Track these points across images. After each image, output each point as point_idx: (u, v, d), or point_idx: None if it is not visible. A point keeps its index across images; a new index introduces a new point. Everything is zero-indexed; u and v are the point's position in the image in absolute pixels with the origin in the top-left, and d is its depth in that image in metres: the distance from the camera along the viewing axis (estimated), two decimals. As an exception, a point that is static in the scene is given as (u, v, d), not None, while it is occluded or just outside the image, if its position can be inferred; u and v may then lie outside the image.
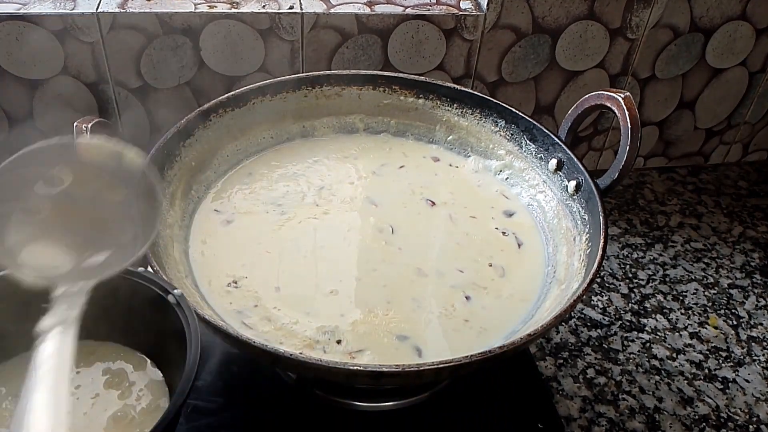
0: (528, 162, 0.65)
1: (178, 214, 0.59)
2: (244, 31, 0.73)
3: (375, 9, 0.75)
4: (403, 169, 0.68)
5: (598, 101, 0.60)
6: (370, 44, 0.76)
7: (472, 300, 0.56)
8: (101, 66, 0.73)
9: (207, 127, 0.63)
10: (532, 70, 0.82)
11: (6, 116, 0.75)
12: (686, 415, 0.64)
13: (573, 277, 0.54)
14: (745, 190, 0.95)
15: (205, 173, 0.64)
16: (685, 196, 0.93)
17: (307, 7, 0.74)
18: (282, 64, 0.76)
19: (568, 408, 0.64)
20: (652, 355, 0.69)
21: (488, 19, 0.77)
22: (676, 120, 0.93)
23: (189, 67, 0.75)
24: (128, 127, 0.79)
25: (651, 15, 0.80)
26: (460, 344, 0.52)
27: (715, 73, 0.88)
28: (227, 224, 0.61)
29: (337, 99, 0.69)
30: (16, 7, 0.69)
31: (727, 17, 0.83)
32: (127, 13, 0.70)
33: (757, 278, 0.80)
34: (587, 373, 0.67)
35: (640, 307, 0.75)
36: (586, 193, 0.58)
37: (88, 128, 0.49)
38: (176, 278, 0.51)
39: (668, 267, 0.81)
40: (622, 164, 0.57)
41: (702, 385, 0.67)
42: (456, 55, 0.79)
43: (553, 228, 0.62)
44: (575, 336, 0.71)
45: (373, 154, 0.70)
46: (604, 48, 0.82)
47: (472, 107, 0.68)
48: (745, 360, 0.70)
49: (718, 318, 0.75)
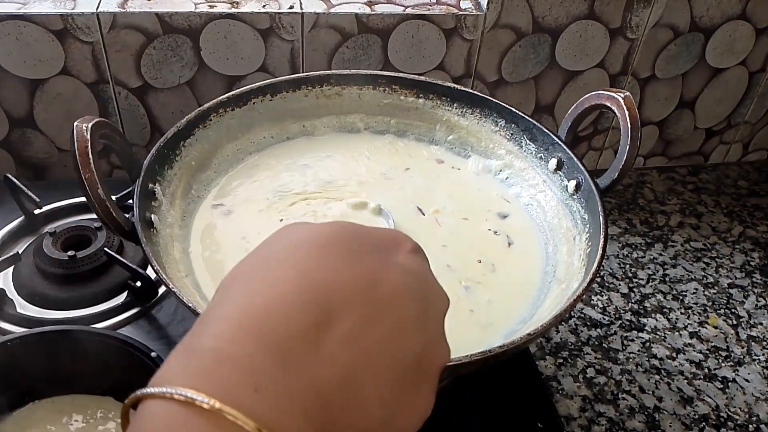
0: (528, 161, 0.65)
1: (178, 214, 0.59)
2: (245, 31, 0.73)
3: (375, 9, 0.75)
4: (409, 172, 0.68)
5: (598, 101, 0.60)
6: (370, 44, 0.76)
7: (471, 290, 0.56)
8: (101, 66, 0.73)
9: (207, 126, 0.63)
10: (532, 70, 0.82)
11: (6, 116, 0.75)
12: (686, 414, 0.64)
13: (573, 276, 0.54)
14: (745, 189, 0.95)
15: (205, 173, 0.64)
16: (685, 196, 0.93)
17: (307, 7, 0.74)
18: (282, 64, 0.76)
19: (568, 407, 0.64)
20: (651, 355, 0.69)
21: (488, 19, 0.77)
22: (676, 120, 0.93)
23: (189, 67, 0.75)
24: (128, 126, 0.79)
25: (651, 15, 0.80)
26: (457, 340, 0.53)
27: (715, 72, 0.88)
28: (228, 215, 0.61)
29: (337, 99, 0.69)
30: (17, 7, 0.69)
31: (727, 17, 0.83)
32: (127, 12, 0.70)
33: (757, 278, 0.80)
34: (587, 373, 0.67)
35: (640, 307, 0.75)
36: (586, 193, 0.58)
37: (88, 128, 0.49)
38: (176, 278, 0.51)
39: (668, 266, 0.81)
40: (622, 164, 0.57)
41: (702, 384, 0.67)
42: (456, 55, 0.79)
43: (553, 227, 0.62)
44: (575, 335, 0.71)
45: (380, 154, 0.69)
46: (604, 48, 0.82)
47: (472, 107, 0.68)
48: (744, 359, 0.70)
49: (718, 317, 0.75)
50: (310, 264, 0.27)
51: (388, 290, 0.28)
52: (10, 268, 0.67)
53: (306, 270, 0.27)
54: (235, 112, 0.65)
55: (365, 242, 0.30)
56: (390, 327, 0.27)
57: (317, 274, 0.27)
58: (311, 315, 0.25)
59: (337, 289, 0.26)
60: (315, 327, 0.25)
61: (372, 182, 0.66)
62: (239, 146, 0.67)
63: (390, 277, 0.28)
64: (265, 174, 0.66)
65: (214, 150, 0.64)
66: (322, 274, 0.27)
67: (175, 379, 0.23)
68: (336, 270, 0.27)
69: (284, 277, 0.26)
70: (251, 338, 0.24)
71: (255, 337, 0.24)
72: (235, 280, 0.27)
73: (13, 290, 0.65)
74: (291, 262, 0.27)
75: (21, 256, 0.66)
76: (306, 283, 0.26)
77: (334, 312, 0.26)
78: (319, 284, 0.26)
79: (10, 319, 0.63)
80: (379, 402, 0.26)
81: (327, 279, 0.27)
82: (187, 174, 0.61)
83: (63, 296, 0.65)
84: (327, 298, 0.26)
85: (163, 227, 0.56)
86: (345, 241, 0.29)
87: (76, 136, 0.49)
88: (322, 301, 0.26)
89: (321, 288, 0.26)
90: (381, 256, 0.29)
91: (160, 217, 0.56)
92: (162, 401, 0.22)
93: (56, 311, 0.64)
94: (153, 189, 0.56)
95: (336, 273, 0.27)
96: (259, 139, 0.68)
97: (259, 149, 0.68)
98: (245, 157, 0.67)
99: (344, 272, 0.27)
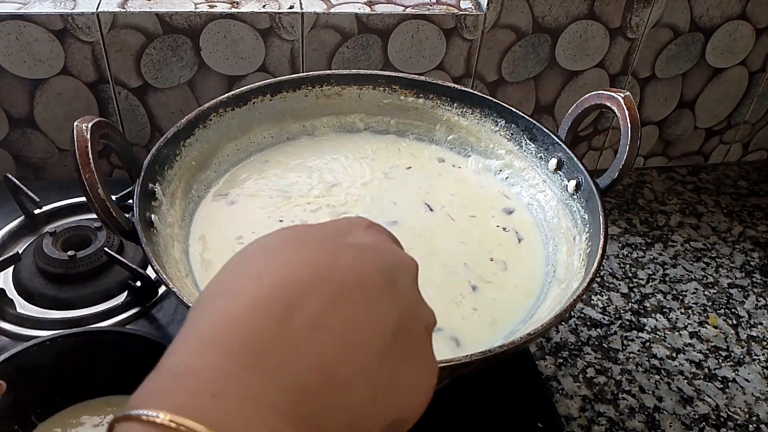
0: (528, 161, 0.65)
1: (178, 213, 0.59)
2: (245, 31, 0.73)
3: (375, 9, 0.75)
4: (411, 171, 0.68)
5: (598, 101, 0.60)
6: (370, 44, 0.76)
7: (478, 290, 0.57)
8: (101, 65, 0.73)
9: (207, 126, 0.63)
10: (532, 70, 0.82)
11: (6, 116, 0.75)
12: (686, 414, 0.64)
13: (573, 276, 0.54)
14: (744, 189, 0.95)
15: (205, 172, 0.64)
16: (685, 196, 0.93)
17: (307, 7, 0.74)
18: (282, 64, 0.76)
19: (567, 407, 0.64)
20: (651, 355, 0.69)
21: (488, 19, 0.77)
22: (676, 119, 0.93)
23: (189, 67, 0.75)
24: (128, 126, 0.79)
25: (651, 14, 0.80)
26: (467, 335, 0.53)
27: (715, 72, 0.88)
28: (231, 205, 0.62)
29: (337, 98, 0.69)
30: (17, 7, 0.69)
31: (727, 17, 0.83)
32: (127, 12, 0.70)
33: (757, 278, 0.80)
34: (587, 373, 0.67)
35: (639, 307, 0.75)
36: (586, 193, 0.58)
37: (88, 128, 0.49)
38: (176, 278, 0.51)
39: (668, 266, 0.81)
40: (622, 164, 0.57)
41: (702, 384, 0.67)
42: (456, 55, 0.79)
43: (553, 227, 0.62)
44: (575, 335, 0.71)
45: (384, 154, 0.70)
46: (604, 47, 0.82)
47: (472, 107, 0.68)
48: (744, 359, 0.70)
49: (718, 317, 0.75)
50: (264, 269, 0.27)
51: (345, 270, 0.28)
52: (10, 267, 0.67)
53: (259, 275, 0.27)
54: (235, 112, 0.65)
55: (315, 235, 0.30)
56: (357, 303, 0.27)
57: (271, 276, 0.27)
58: (271, 312, 0.25)
59: (293, 281, 0.26)
60: (276, 322, 0.25)
61: (376, 183, 0.66)
62: (239, 146, 0.67)
63: (345, 257, 0.28)
64: (273, 171, 0.66)
65: (214, 150, 0.64)
66: (276, 274, 0.27)
67: (143, 399, 0.23)
68: (288, 264, 0.27)
69: (240, 287, 0.27)
70: (213, 349, 0.24)
71: (217, 347, 0.24)
72: (201, 300, 0.28)
73: (13, 290, 0.65)
74: (248, 273, 0.28)
75: (21, 255, 0.66)
76: (261, 286, 0.26)
77: (294, 303, 0.26)
78: (275, 283, 0.26)
79: (10, 318, 0.63)
80: (365, 380, 0.26)
81: (282, 276, 0.27)
82: (187, 174, 0.61)
83: (63, 296, 0.65)
84: (285, 293, 0.26)
85: (163, 227, 0.56)
86: (293, 239, 0.29)
87: (76, 135, 0.49)
88: (280, 297, 0.26)
89: (277, 285, 0.26)
90: (333, 241, 0.30)
91: (160, 217, 0.56)
92: (129, 423, 0.23)
93: (56, 311, 0.64)
94: (153, 189, 0.56)
95: (289, 267, 0.27)
96: (259, 139, 0.68)
97: (260, 149, 0.68)
98: (246, 157, 0.67)
99: (297, 265, 0.27)
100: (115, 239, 0.68)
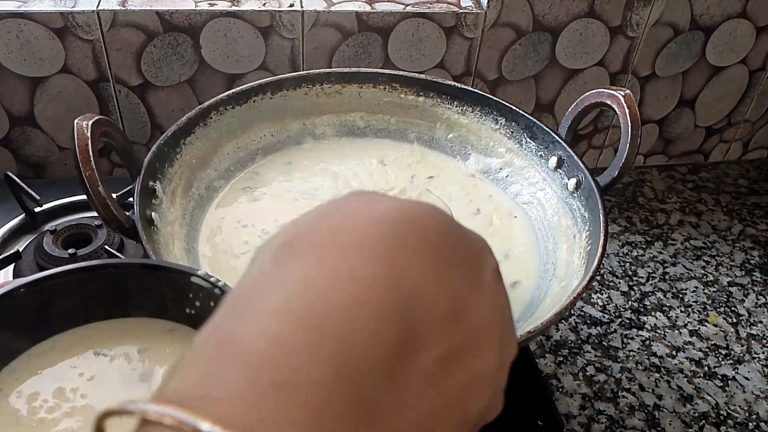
0: (528, 160, 0.65)
1: (178, 212, 0.59)
2: (245, 29, 0.73)
3: (375, 7, 0.75)
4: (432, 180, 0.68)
5: (598, 99, 0.60)
6: (370, 42, 0.76)
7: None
8: (102, 64, 0.73)
9: (207, 124, 0.63)
10: (532, 68, 0.82)
11: (6, 114, 0.75)
12: (686, 412, 0.64)
13: (573, 274, 0.54)
14: (744, 188, 0.95)
15: (205, 170, 0.64)
16: (685, 194, 0.93)
17: (308, 5, 0.74)
18: (282, 62, 0.76)
19: (567, 405, 0.64)
20: (651, 353, 0.70)
21: (488, 17, 0.77)
22: (676, 118, 0.93)
23: (189, 65, 0.75)
24: (129, 124, 0.79)
25: (651, 13, 0.80)
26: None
27: (715, 71, 0.88)
28: (254, 201, 0.63)
29: (337, 97, 0.69)
30: (17, 5, 0.69)
31: (727, 15, 0.83)
32: (127, 10, 0.70)
33: (757, 276, 0.80)
34: (587, 371, 0.67)
35: (639, 305, 0.75)
36: (586, 191, 0.58)
37: (88, 126, 0.49)
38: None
39: (668, 265, 0.81)
40: (622, 162, 0.57)
41: (702, 382, 0.67)
42: (456, 53, 0.79)
43: (553, 226, 0.62)
44: (575, 333, 0.71)
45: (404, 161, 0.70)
46: (605, 46, 0.82)
47: (473, 105, 0.68)
48: (744, 357, 0.70)
49: (718, 316, 0.75)
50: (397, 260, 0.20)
51: (475, 324, 0.21)
52: (11, 266, 0.67)
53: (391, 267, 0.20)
54: (236, 110, 0.65)
55: (457, 247, 0.23)
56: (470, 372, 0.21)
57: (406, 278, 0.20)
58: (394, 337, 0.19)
59: (426, 306, 0.20)
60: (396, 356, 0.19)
61: (397, 190, 0.66)
62: (239, 144, 0.67)
63: (479, 306, 0.22)
64: (298, 174, 0.66)
65: (214, 148, 0.64)
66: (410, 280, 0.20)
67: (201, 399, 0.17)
68: (426, 279, 0.20)
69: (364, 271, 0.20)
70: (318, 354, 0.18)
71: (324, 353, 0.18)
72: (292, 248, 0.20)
73: (14, 288, 0.65)
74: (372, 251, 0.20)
75: (21, 254, 0.66)
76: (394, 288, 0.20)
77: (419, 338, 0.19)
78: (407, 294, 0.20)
79: (11, 316, 0.63)
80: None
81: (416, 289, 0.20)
82: (188, 172, 0.61)
83: (63, 294, 0.65)
84: (413, 315, 0.20)
85: (164, 225, 0.56)
86: (437, 237, 0.22)
87: (77, 134, 0.49)
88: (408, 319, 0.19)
89: (409, 300, 0.20)
90: (472, 273, 0.23)
91: (160, 215, 0.56)
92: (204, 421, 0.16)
93: (57, 309, 0.64)
94: (153, 187, 0.56)
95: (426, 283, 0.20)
96: (260, 138, 0.68)
97: (259, 148, 0.68)
98: (253, 157, 0.68)
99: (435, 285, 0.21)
100: (116, 237, 0.68)
